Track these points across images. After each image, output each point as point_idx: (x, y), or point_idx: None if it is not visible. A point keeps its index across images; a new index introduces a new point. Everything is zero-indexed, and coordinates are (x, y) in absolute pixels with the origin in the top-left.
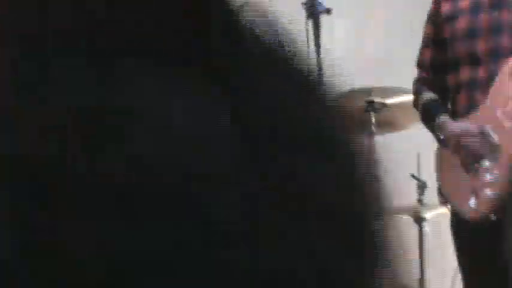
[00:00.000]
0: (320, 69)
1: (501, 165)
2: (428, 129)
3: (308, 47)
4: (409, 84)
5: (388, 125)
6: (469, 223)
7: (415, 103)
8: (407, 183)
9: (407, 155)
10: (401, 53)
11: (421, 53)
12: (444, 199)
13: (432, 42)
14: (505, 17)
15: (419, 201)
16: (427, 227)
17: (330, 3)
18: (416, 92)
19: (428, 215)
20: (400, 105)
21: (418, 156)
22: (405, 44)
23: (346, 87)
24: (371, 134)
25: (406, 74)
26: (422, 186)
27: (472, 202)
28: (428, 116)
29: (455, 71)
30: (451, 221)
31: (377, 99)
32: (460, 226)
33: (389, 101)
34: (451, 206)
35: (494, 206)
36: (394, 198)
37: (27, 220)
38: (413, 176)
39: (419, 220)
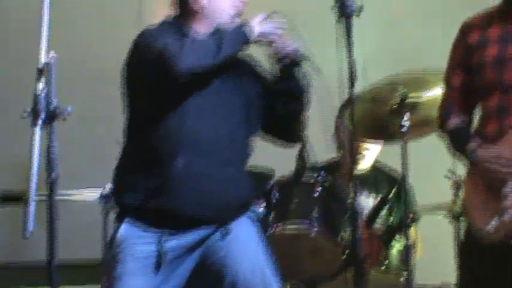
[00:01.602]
0: (352, 70)
1: None
2: (458, 154)
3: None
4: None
5: (424, 125)
6: (482, 243)
7: (442, 127)
8: (444, 181)
9: (443, 152)
10: (431, 50)
11: (449, 74)
12: (465, 214)
13: (461, 67)
14: None
15: (456, 198)
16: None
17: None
18: (444, 116)
19: None
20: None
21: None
22: (435, 39)
23: (376, 84)
24: (404, 138)
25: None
26: (458, 184)
27: (494, 222)
28: (458, 143)
29: (484, 98)
30: (465, 238)
31: (411, 95)
32: (473, 245)
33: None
34: (470, 223)
35: None
36: (430, 196)
37: None
38: (449, 173)
39: (456, 218)
